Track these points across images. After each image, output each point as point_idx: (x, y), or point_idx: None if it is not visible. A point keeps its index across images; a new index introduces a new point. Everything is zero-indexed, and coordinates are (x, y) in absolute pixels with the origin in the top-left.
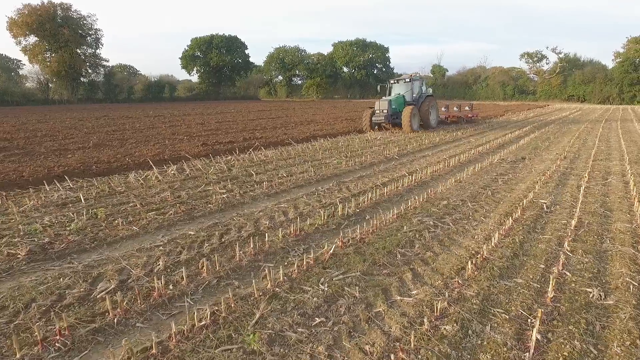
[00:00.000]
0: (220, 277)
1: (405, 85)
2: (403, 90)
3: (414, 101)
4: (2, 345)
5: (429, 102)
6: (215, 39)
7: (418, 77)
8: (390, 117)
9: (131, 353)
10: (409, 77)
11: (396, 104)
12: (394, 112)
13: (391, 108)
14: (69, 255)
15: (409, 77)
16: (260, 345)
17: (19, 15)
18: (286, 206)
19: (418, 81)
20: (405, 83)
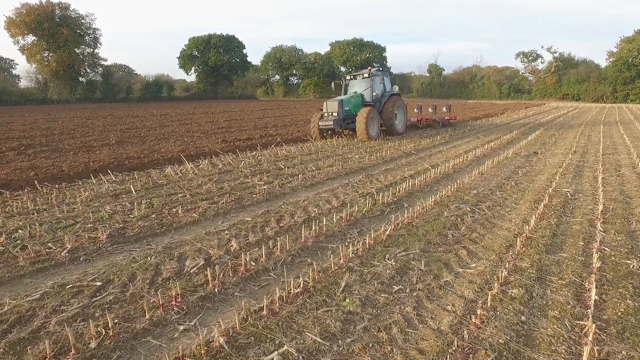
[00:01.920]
0: (293, 255)
1: (365, 82)
2: (362, 88)
3: (374, 101)
4: (127, 309)
5: (394, 102)
6: (213, 38)
7: (380, 72)
8: (343, 121)
9: (248, 313)
10: (367, 72)
11: (350, 104)
12: (347, 114)
13: (343, 110)
14: (145, 239)
15: (368, 71)
16: (355, 307)
17: (17, 14)
18: (327, 196)
19: (379, 77)
20: (364, 79)
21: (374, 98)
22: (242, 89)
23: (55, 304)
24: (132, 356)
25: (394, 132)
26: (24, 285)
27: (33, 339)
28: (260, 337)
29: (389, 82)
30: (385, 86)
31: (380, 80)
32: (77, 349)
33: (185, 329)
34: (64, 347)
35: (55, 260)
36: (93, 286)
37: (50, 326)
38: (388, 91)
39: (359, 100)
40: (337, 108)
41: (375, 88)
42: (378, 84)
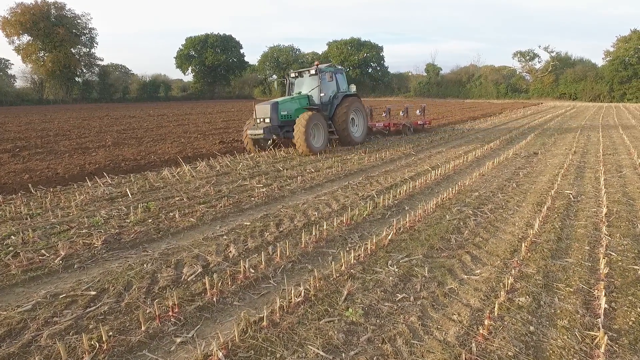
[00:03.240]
0: (293, 261)
1: (312, 80)
2: (309, 87)
3: (323, 104)
4: (123, 321)
5: (350, 105)
6: (210, 38)
7: (331, 69)
8: (280, 128)
9: (247, 324)
10: (314, 69)
11: (289, 108)
12: (285, 121)
13: (278, 115)
14: (141, 245)
15: (315, 68)
16: (358, 317)
17: (12, 14)
18: (327, 199)
19: (329, 74)
20: (311, 77)
21: (322, 100)
22: (240, 89)
23: (47, 315)
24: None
25: (350, 141)
26: (15, 295)
27: (23, 354)
28: (261, 350)
29: (344, 81)
30: (338, 86)
31: (330, 78)
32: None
33: (182, 341)
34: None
35: (48, 268)
36: (87, 296)
37: (42, 340)
38: (342, 92)
39: (303, 103)
40: (269, 113)
41: (324, 88)
42: (327, 82)
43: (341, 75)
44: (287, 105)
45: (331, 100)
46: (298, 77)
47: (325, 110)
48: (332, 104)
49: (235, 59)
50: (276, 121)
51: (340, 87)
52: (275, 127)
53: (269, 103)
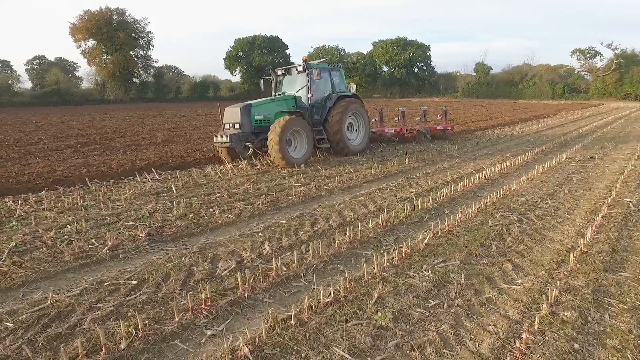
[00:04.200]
0: (325, 261)
1: (301, 78)
2: (296, 87)
3: (311, 106)
4: (159, 310)
5: (346, 107)
6: (258, 39)
7: (323, 65)
8: (254, 135)
9: (275, 321)
10: (302, 65)
11: (267, 111)
12: (260, 126)
13: (251, 120)
14: (181, 238)
15: (303, 64)
16: (387, 322)
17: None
18: (364, 200)
19: (320, 71)
20: (300, 75)
21: (310, 102)
22: None
23: (92, 301)
24: (160, 359)
25: (346, 150)
26: (67, 280)
27: (69, 335)
28: (286, 348)
29: (341, 80)
30: (333, 85)
31: (318, 75)
32: (107, 348)
33: (212, 334)
34: (96, 345)
35: (97, 257)
36: (129, 284)
37: (86, 323)
38: (338, 92)
39: (287, 105)
40: (239, 117)
41: (313, 88)
42: (317, 81)
43: (337, 72)
44: (264, 107)
45: (323, 102)
46: (285, 74)
47: (316, 114)
48: (324, 107)
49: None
50: (248, 127)
51: (336, 87)
52: (247, 134)
53: (239, 105)
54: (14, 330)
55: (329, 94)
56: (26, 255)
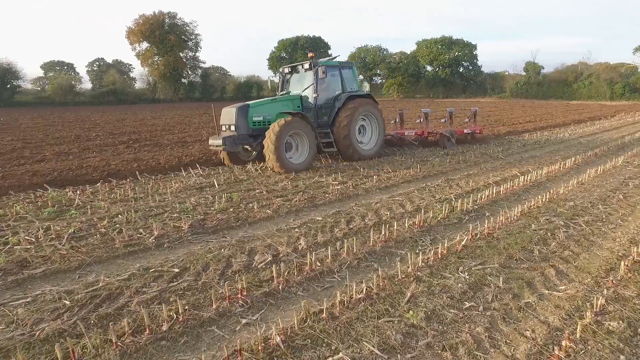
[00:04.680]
0: (359, 259)
1: (309, 76)
2: (304, 86)
3: (320, 107)
4: (198, 297)
5: (356, 108)
6: (301, 40)
7: (336, 63)
8: (251, 139)
9: (307, 314)
10: (309, 63)
11: (266, 112)
12: (259, 128)
13: (248, 122)
14: (221, 231)
15: (309, 62)
16: (419, 321)
17: (136, 24)
18: (401, 199)
19: (329, 69)
20: (307, 73)
21: (317, 102)
22: None
23: (138, 285)
24: (197, 343)
25: (356, 156)
26: (116, 265)
27: (117, 315)
28: (317, 340)
29: (353, 79)
30: (343, 84)
31: (323, 73)
32: (150, 329)
33: (247, 322)
34: (140, 326)
35: (143, 245)
36: (171, 272)
37: (132, 305)
38: (349, 92)
39: (292, 106)
40: (234, 119)
41: (320, 87)
42: (325, 79)
43: (349, 70)
44: (264, 108)
45: (332, 103)
46: (292, 72)
47: (323, 115)
48: (333, 108)
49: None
50: (245, 129)
51: (347, 86)
52: (244, 136)
53: (235, 106)
54: (70, 307)
55: (338, 94)
56: (82, 241)
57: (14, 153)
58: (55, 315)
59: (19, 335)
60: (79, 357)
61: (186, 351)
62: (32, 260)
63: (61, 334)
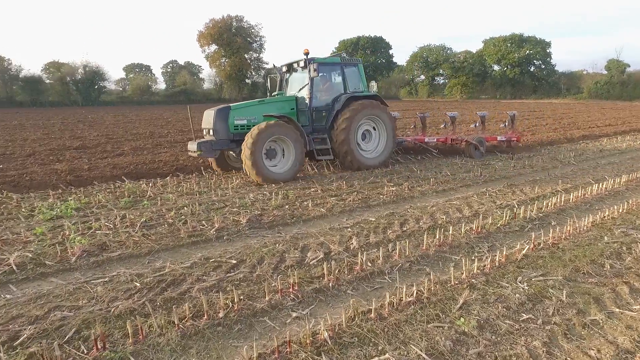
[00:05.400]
0: (411, 262)
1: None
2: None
3: (317, 110)
4: (252, 289)
5: (358, 111)
6: (362, 40)
7: (337, 60)
8: (233, 144)
9: (356, 313)
10: (303, 61)
11: (250, 115)
12: (241, 132)
13: (228, 126)
14: (277, 227)
15: (304, 59)
16: (470, 328)
17: (206, 28)
18: (459, 204)
19: (313, 66)
20: (304, 71)
21: (312, 104)
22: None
23: (199, 274)
24: (250, 332)
25: (356, 164)
26: (181, 254)
27: (180, 299)
28: (364, 339)
29: (358, 78)
30: (346, 84)
31: (315, 71)
32: (209, 315)
33: (297, 316)
34: (200, 311)
35: (205, 236)
36: (229, 263)
37: (193, 292)
38: (351, 92)
39: (284, 108)
40: (212, 123)
41: (317, 87)
42: (323, 79)
43: (353, 69)
44: (249, 111)
45: (331, 105)
46: (291, 72)
47: (321, 119)
48: (332, 110)
49: (383, 60)
50: (224, 133)
51: (351, 86)
52: (223, 141)
53: (215, 108)
54: (140, 289)
55: (337, 96)
56: (152, 230)
57: (98, 147)
58: (128, 295)
59: (97, 310)
60: (146, 335)
61: (239, 338)
62: (110, 244)
63: (132, 312)
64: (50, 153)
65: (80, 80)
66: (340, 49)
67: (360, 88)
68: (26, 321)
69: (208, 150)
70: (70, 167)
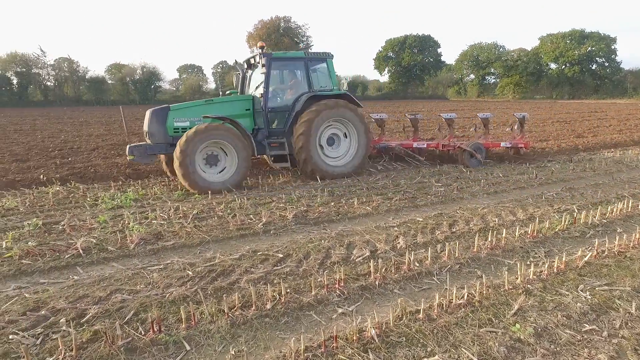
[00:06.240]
0: (461, 264)
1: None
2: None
3: (273, 110)
4: (298, 283)
5: (319, 112)
6: (409, 39)
7: (300, 54)
8: (172, 148)
9: (403, 312)
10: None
11: (195, 116)
12: (181, 135)
13: (165, 128)
14: (322, 223)
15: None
16: (526, 336)
17: (255, 29)
18: (512, 206)
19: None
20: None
21: (268, 104)
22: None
23: (247, 265)
24: (296, 325)
25: (319, 174)
26: (230, 246)
27: (229, 289)
28: (412, 339)
29: (326, 75)
30: (310, 81)
31: (263, 66)
32: (256, 306)
33: (343, 312)
34: (248, 302)
35: (253, 230)
36: (276, 257)
37: (242, 283)
38: (315, 91)
39: (241, 108)
40: (147, 126)
41: (274, 85)
42: (281, 76)
43: (322, 65)
44: (193, 112)
45: (292, 105)
46: (253, 68)
47: (280, 123)
48: (292, 111)
49: (431, 59)
50: (161, 137)
51: (318, 84)
52: (161, 146)
53: (149, 112)
54: (192, 277)
55: (297, 96)
56: (203, 222)
57: None
58: (181, 282)
59: (154, 295)
60: (198, 321)
61: (286, 330)
62: (165, 234)
63: (185, 299)
64: (111, 148)
65: (139, 80)
66: (387, 48)
67: (330, 86)
68: (91, 301)
69: (142, 155)
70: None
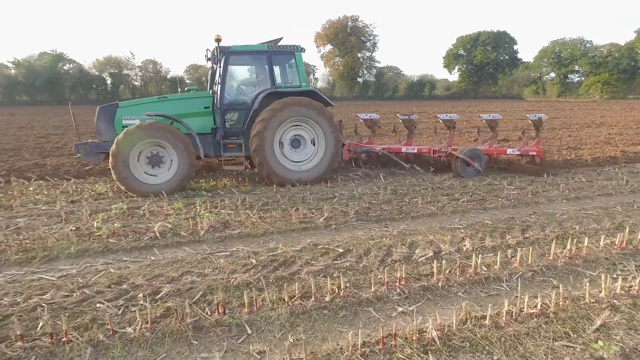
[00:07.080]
0: (534, 271)
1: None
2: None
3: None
4: (358, 278)
5: (278, 111)
6: (482, 35)
7: (264, 47)
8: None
9: (468, 316)
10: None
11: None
12: None
13: (114, 127)
14: (384, 221)
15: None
16: (611, 355)
17: (323, 29)
18: (596, 213)
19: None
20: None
21: (224, 101)
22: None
23: (308, 258)
24: (354, 319)
25: (276, 179)
26: (292, 238)
27: (290, 279)
28: (477, 345)
29: (294, 70)
30: (273, 77)
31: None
32: (316, 297)
33: (402, 311)
34: (308, 293)
35: (314, 224)
36: (337, 251)
37: (302, 274)
38: (275, 87)
39: (199, 106)
40: (95, 123)
41: (231, 81)
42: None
43: (288, 59)
44: (143, 109)
45: (250, 103)
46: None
47: (238, 122)
48: (250, 109)
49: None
50: (109, 135)
51: (283, 80)
52: (108, 144)
53: (100, 106)
54: (256, 265)
55: (256, 94)
56: (268, 213)
57: None
58: (245, 269)
59: (220, 279)
60: (259, 307)
61: (344, 324)
62: (232, 223)
63: (248, 285)
64: None
65: None
66: (458, 46)
67: (297, 83)
68: (165, 280)
69: (88, 153)
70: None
